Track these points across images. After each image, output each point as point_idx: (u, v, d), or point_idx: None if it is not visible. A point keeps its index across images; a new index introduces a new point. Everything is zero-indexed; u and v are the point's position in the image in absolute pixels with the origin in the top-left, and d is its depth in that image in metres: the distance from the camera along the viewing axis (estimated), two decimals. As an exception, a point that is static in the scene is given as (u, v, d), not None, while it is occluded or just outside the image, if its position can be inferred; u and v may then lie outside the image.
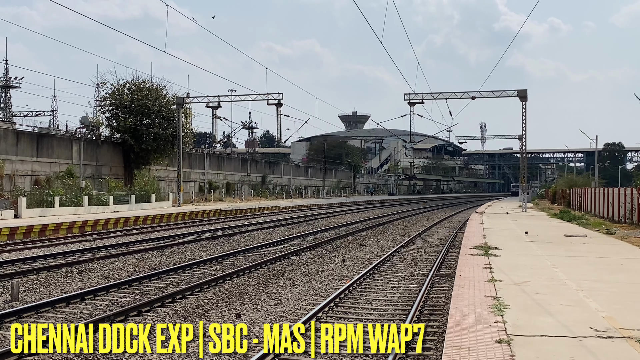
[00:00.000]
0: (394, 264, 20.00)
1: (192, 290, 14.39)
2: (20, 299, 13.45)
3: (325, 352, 8.94)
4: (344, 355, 9.46)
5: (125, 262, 19.41)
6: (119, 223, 34.25)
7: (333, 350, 8.81)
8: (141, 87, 53.59)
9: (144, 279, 15.95)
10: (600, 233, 26.54)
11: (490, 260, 16.16)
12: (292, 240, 26.72)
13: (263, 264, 18.93)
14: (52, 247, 23.77)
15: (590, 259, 17.04)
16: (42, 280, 15.86)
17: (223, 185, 71.42)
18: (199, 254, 21.83)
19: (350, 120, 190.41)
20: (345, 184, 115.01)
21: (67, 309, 12.57)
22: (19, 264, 18.68)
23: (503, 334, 8.22)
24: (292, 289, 15.44)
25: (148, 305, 12.56)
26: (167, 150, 54.57)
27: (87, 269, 17.73)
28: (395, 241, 27.54)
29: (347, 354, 9.38)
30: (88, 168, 49.27)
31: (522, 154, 53.53)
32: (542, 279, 13.08)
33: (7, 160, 41.41)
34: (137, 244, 24.73)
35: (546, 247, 20.10)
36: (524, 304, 10.30)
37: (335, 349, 8.84)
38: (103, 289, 14.32)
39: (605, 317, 9.28)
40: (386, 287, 15.67)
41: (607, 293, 11.45)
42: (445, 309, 12.25)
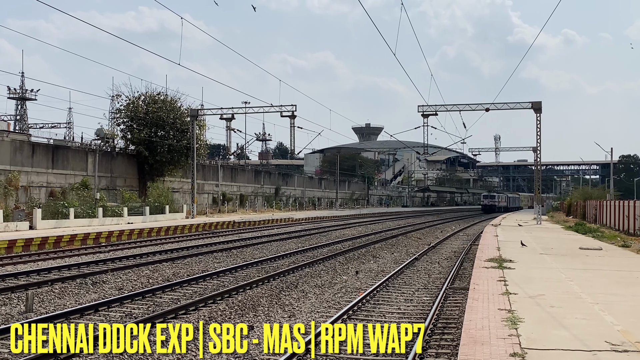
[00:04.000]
0: (407, 276, 19.93)
1: (205, 302, 14.41)
2: (35, 310, 13.51)
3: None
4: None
5: (139, 273, 19.48)
6: (133, 234, 34.39)
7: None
8: (156, 99, 53.85)
9: (158, 290, 15.98)
10: (615, 246, 26.32)
11: (504, 273, 16.08)
12: (305, 252, 26.71)
13: (276, 275, 18.93)
14: (66, 258, 23.89)
15: (605, 272, 16.90)
16: (56, 292, 15.95)
17: (236, 197, 71.56)
18: (213, 265, 21.87)
19: (363, 132, 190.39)
20: (358, 195, 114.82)
21: (81, 320, 12.61)
22: (34, 275, 18.79)
23: (517, 348, 8.17)
24: (305, 301, 15.41)
25: (161, 317, 12.58)
26: (181, 162, 54.74)
27: (101, 281, 17.80)
28: (409, 253, 27.46)
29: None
30: (103, 180, 49.53)
31: (537, 166, 53.29)
32: (556, 292, 12.99)
33: (23, 171, 41.72)
34: (151, 255, 24.81)
35: (561, 260, 19.97)
36: (538, 317, 10.23)
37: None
38: (117, 301, 14.37)
39: (620, 331, 9.20)
40: (399, 300, 15.62)
41: (623, 306, 11.36)
42: (459, 322, 12.19)
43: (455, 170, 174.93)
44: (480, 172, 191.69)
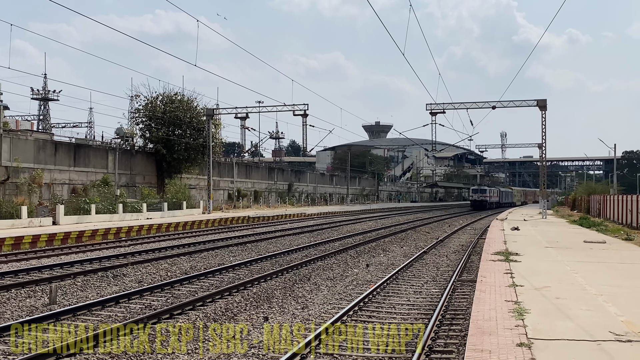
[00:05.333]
0: (416, 269, 19.92)
1: (221, 294, 14.46)
2: (58, 302, 13.61)
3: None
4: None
5: (158, 267, 19.56)
6: (152, 229, 34.54)
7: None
8: (173, 99, 54.01)
9: (176, 283, 16.06)
10: (619, 239, 26.17)
11: (511, 266, 16.04)
12: (317, 246, 26.73)
13: (289, 269, 18.96)
14: (88, 252, 24.04)
15: (609, 264, 16.82)
16: (79, 284, 16.05)
17: (251, 193, 71.69)
18: (228, 259, 21.94)
19: (373, 130, 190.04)
20: (368, 191, 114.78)
21: (103, 312, 12.70)
22: (57, 268, 18.92)
23: (524, 338, 8.15)
24: (318, 293, 15.45)
25: (180, 308, 12.64)
26: (197, 159, 54.91)
27: (122, 274, 17.90)
28: (417, 247, 27.44)
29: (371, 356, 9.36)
30: (122, 177, 49.78)
31: (542, 162, 52.96)
32: (562, 284, 12.95)
33: (46, 169, 41.99)
34: (169, 249, 24.91)
35: (566, 253, 19.89)
36: (544, 309, 10.21)
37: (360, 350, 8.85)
38: (137, 293, 14.45)
39: (624, 322, 9.16)
40: (409, 292, 15.62)
41: (626, 298, 11.30)
42: (467, 313, 12.18)
43: (462, 166, 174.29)
44: (487, 168, 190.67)
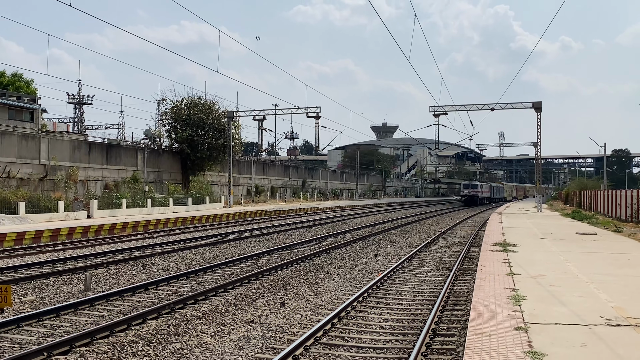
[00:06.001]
0: (421, 259, 19.88)
1: (241, 281, 14.51)
2: (93, 289, 13.72)
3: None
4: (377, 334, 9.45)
5: (183, 256, 19.66)
6: (178, 222, 34.68)
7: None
8: (196, 102, 54.17)
9: (200, 271, 16.12)
10: (609, 231, 25.98)
11: (508, 256, 15.96)
12: (329, 238, 26.73)
13: (303, 258, 18.99)
14: (119, 243, 24.18)
15: (600, 254, 16.70)
16: (111, 273, 16.16)
17: (268, 189, 71.80)
18: (247, 249, 21.99)
19: (380, 130, 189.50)
20: (376, 187, 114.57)
21: (133, 298, 12.78)
22: (92, 258, 19.04)
23: (521, 322, 8.12)
24: (330, 281, 15.46)
25: (203, 294, 12.69)
26: (219, 158, 55.07)
27: (150, 263, 18.00)
28: (422, 238, 27.37)
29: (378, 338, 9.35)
30: (150, 174, 49.99)
31: (537, 160, 52.69)
32: (556, 272, 12.88)
33: (81, 167, 42.26)
34: (194, 240, 25.00)
35: (560, 244, 19.76)
36: (539, 295, 10.16)
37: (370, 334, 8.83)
38: (164, 280, 14.52)
39: (614, 307, 9.10)
40: (414, 280, 15.59)
41: (616, 285, 11.22)
42: (468, 299, 12.15)
43: (463, 164, 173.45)
44: (486, 166, 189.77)
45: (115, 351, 8.68)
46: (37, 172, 38.58)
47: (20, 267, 16.61)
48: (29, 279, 14.68)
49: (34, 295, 12.97)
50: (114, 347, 8.80)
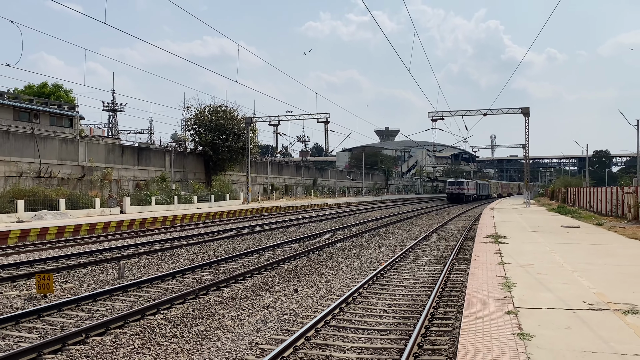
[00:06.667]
0: (420, 249, 19.82)
1: (258, 270, 14.52)
2: (126, 277, 13.78)
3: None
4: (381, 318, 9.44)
5: (206, 247, 19.70)
6: (202, 217, 34.79)
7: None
8: (218, 110, 54.30)
9: (221, 261, 16.15)
10: (591, 224, 25.79)
11: (500, 247, 15.89)
12: (337, 231, 26.71)
13: (314, 249, 18.98)
14: (149, 236, 24.27)
15: (583, 245, 16.58)
16: (142, 262, 16.22)
17: (282, 187, 71.83)
18: (264, 241, 22.00)
19: (383, 134, 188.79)
20: (380, 185, 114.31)
21: (162, 285, 12.81)
22: (124, 249, 19.13)
23: (511, 307, 8.08)
24: (338, 270, 15.44)
25: (225, 282, 12.71)
26: (238, 159, 55.18)
27: (177, 253, 18.05)
28: (421, 231, 27.28)
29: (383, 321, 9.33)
30: (177, 174, 50.16)
31: (526, 160, 52.40)
32: (543, 262, 12.80)
33: (115, 168, 42.48)
34: (216, 233, 25.06)
35: (546, 236, 19.65)
36: (528, 283, 10.11)
37: (375, 317, 8.82)
38: (189, 269, 14.55)
39: (595, 293, 9.04)
40: (414, 269, 15.55)
41: (597, 273, 11.15)
42: (463, 286, 12.09)
43: (458, 164, 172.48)
44: (479, 166, 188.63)
45: (146, 332, 8.72)
46: (75, 172, 38.81)
47: (61, 258, 16.72)
48: (68, 268, 14.78)
49: (73, 283, 13.05)
50: (145, 329, 8.84)
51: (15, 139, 35.20)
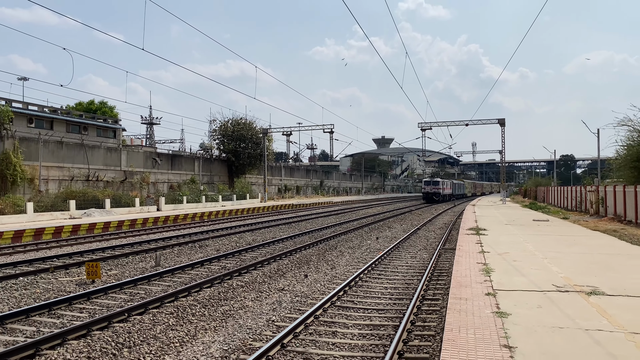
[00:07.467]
0: (412, 240, 19.76)
1: (274, 258, 14.53)
2: (161, 265, 13.83)
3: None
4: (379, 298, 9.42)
5: (230, 239, 19.73)
6: (225, 214, 34.84)
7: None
8: (239, 122, 54.44)
9: (243, 251, 16.17)
10: (558, 218, 25.62)
11: (480, 238, 15.82)
12: (341, 225, 26.68)
13: (321, 240, 18.97)
14: (181, 230, 24.34)
15: (552, 236, 16.48)
16: (175, 252, 16.26)
17: (294, 188, 71.82)
18: (279, 234, 22.01)
19: (380, 142, 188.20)
20: (377, 185, 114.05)
21: (192, 271, 12.85)
22: (160, 241, 19.19)
23: (490, 289, 8.05)
24: (342, 258, 15.43)
25: (246, 269, 12.74)
26: (256, 164, 55.30)
27: (205, 245, 18.09)
28: (413, 225, 27.19)
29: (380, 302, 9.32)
30: (205, 177, 50.29)
31: (502, 164, 52.20)
32: (517, 250, 12.74)
33: (152, 172, 42.66)
34: (237, 227, 25.09)
35: (520, 228, 19.54)
36: (505, 268, 10.06)
37: (374, 298, 8.78)
38: (216, 258, 14.58)
39: (563, 277, 8.98)
40: (407, 257, 15.50)
41: (565, 260, 11.08)
42: (449, 271, 12.06)
43: (444, 167, 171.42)
44: (462, 168, 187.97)
45: (179, 312, 8.75)
46: (118, 176, 39.00)
47: (107, 249, 16.80)
48: (113, 258, 14.85)
49: (117, 270, 13.11)
50: (178, 309, 8.87)
51: (68, 148, 35.44)
